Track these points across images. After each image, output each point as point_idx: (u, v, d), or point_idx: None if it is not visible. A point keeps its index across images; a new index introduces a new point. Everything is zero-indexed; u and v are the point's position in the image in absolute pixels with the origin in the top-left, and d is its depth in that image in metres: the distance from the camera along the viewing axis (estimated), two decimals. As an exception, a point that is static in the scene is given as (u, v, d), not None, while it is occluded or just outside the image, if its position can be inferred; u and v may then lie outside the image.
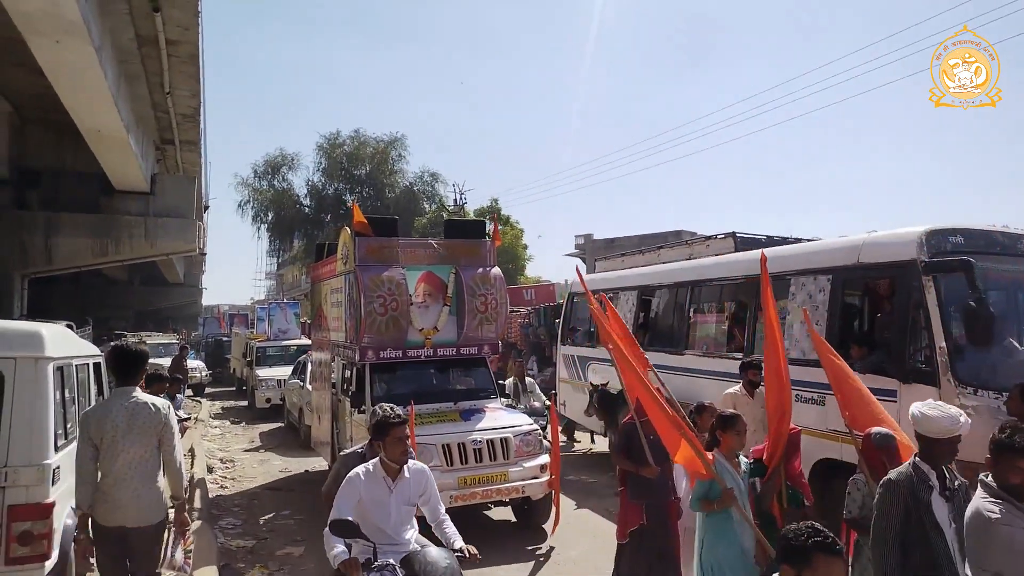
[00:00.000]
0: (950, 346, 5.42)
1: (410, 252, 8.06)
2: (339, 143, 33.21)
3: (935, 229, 5.80)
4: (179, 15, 12.17)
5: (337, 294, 8.72)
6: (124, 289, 41.01)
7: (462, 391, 8.16)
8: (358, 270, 7.57)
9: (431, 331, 7.95)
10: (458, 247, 8.21)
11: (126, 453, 4.16)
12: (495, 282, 8.13)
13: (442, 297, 8.05)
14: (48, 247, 18.28)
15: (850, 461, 6.10)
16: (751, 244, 8.62)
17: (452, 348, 8.06)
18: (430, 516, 4.04)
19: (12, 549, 4.05)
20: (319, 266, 10.18)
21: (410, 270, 7.84)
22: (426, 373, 8.22)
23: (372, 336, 7.54)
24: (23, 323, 4.86)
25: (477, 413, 7.52)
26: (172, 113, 17.07)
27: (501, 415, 7.63)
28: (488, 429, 7.19)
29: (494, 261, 8.36)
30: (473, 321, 7.92)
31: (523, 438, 7.26)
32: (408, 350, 7.81)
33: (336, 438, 8.84)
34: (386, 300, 7.50)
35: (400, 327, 7.63)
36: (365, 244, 7.79)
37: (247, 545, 7.34)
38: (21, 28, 9.77)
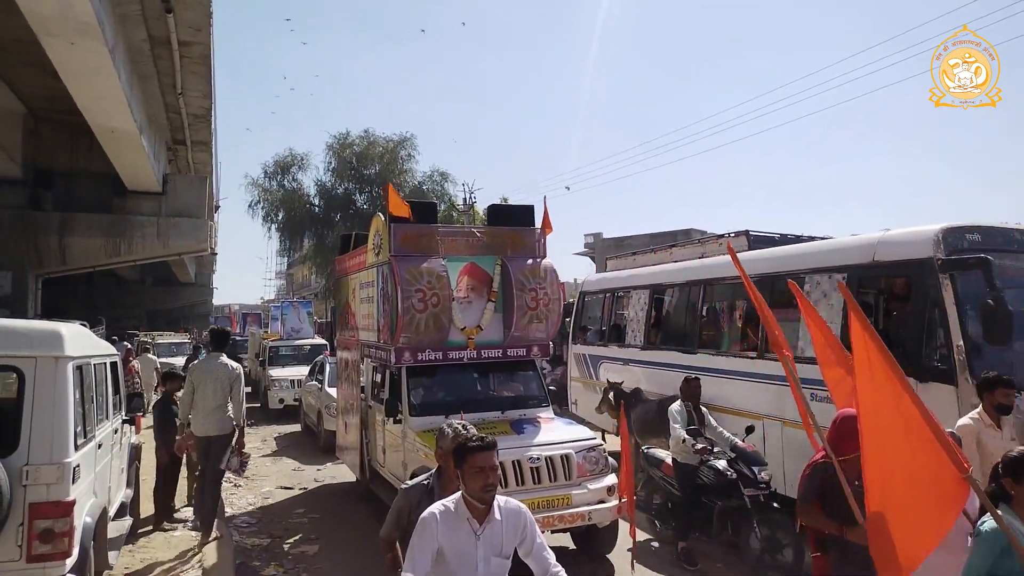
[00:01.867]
0: (968, 344, 5.40)
1: (451, 241, 7.22)
2: (349, 143, 33.24)
3: (952, 227, 5.77)
4: (191, 16, 12.24)
5: (367, 289, 7.95)
6: (136, 289, 41.29)
7: (510, 398, 7.31)
8: (393, 261, 6.78)
9: (475, 330, 7.12)
10: (504, 235, 7.36)
11: (211, 391, 7.04)
12: (547, 275, 7.26)
13: (487, 292, 7.23)
14: (62, 247, 18.43)
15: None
16: (764, 242, 8.59)
17: (498, 349, 7.21)
18: (539, 570, 3.10)
19: (33, 547, 4.07)
20: (346, 259, 9.33)
21: (451, 261, 7.03)
22: (469, 378, 7.41)
23: (409, 335, 6.75)
24: (43, 322, 4.90)
25: (530, 424, 6.66)
26: (184, 113, 17.18)
27: (558, 427, 6.72)
28: (546, 444, 6.25)
29: (544, 251, 7.50)
30: (522, 319, 7.10)
31: (586, 455, 6.29)
32: (448, 351, 7.01)
33: (365, 448, 8.27)
34: (425, 295, 6.70)
35: (441, 325, 6.84)
36: (401, 231, 6.96)
37: (262, 543, 7.37)
38: (36, 30, 9.85)
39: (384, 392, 7.53)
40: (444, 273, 6.83)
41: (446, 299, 6.81)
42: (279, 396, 16.37)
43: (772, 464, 7.11)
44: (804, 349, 6.84)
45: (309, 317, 20.90)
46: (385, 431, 7.45)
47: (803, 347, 6.86)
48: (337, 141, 33.21)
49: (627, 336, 10.27)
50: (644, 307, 10.02)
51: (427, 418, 6.66)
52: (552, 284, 7.26)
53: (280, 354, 18.31)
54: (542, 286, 7.19)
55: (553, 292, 7.26)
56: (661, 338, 9.58)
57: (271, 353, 18.31)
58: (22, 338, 4.38)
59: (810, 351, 6.74)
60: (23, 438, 4.13)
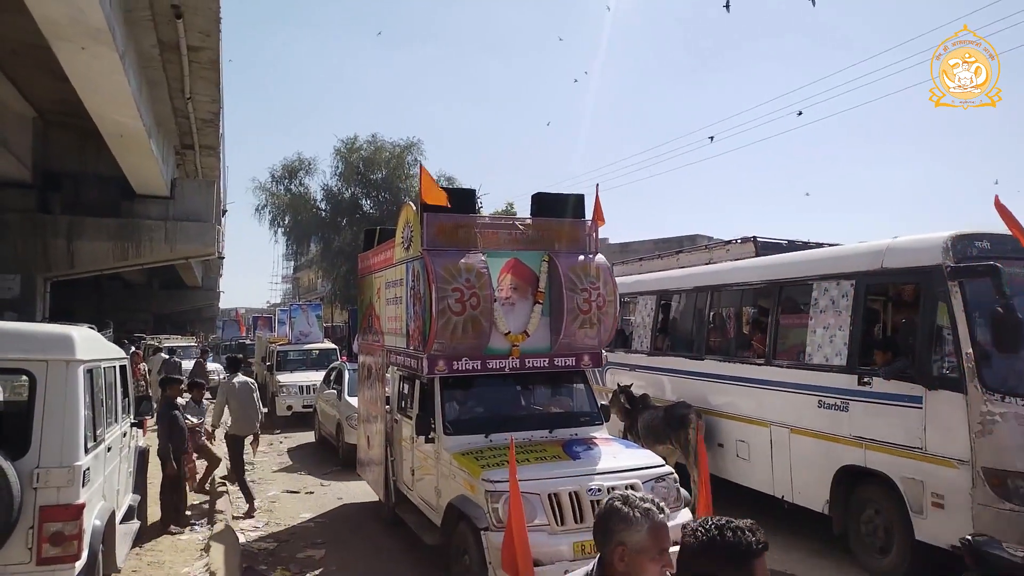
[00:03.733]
0: (977, 352, 5.37)
1: (490, 234, 6.40)
2: (356, 147, 33.33)
3: (961, 234, 5.75)
4: (200, 22, 12.30)
5: (394, 288, 7.16)
6: (143, 292, 41.41)
7: (558, 415, 6.59)
8: (427, 256, 5.98)
9: (519, 336, 6.28)
10: (552, 228, 6.55)
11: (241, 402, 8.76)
12: (600, 273, 6.42)
13: (532, 292, 6.40)
14: (70, 250, 18.51)
15: (873, 468, 6.08)
16: (772, 249, 8.58)
17: (544, 358, 6.39)
18: None
19: (43, 549, 4.10)
20: (370, 255, 8.53)
21: (491, 256, 6.19)
22: (512, 391, 6.69)
23: (444, 341, 5.92)
24: (54, 326, 4.94)
25: (585, 447, 5.84)
26: (192, 118, 17.25)
27: (619, 450, 5.91)
28: (609, 472, 5.37)
29: (596, 246, 6.68)
30: (573, 324, 6.25)
31: (656, 486, 5.36)
32: (487, 359, 6.19)
33: (390, 466, 7.50)
34: (463, 295, 5.86)
35: (481, 330, 5.98)
36: (436, 222, 6.16)
37: (269, 547, 7.38)
38: (47, 35, 9.92)
39: (413, 406, 6.80)
40: (485, 270, 6.00)
41: (487, 300, 5.98)
42: (287, 403, 15.76)
43: (779, 471, 7.10)
44: (812, 356, 6.83)
45: (319, 321, 20.24)
46: (415, 450, 6.76)
47: (810, 353, 6.86)
48: (344, 146, 33.33)
49: (633, 342, 10.26)
50: (651, 313, 10.01)
51: (464, 437, 6.02)
52: (607, 284, 6.43)
53: (288, 359, 17.75)
54: (595, 286, 6.34)
55: (608, 293, 6.42)
56: (668, 344, 9.57)
57: (279, 358, 17.72)
58: (34, 341, 4.42)
59: (818, 357, 6.74)
60: (34, 441, 4.17)
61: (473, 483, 5.34)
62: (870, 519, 6.19)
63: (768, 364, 7.44)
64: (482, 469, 5.32)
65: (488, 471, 5.28)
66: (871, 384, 6.13)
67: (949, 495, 5.40)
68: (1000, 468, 5.13)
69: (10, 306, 17.14)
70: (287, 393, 15.85)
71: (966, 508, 5.27)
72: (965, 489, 5.28)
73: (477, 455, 5.64)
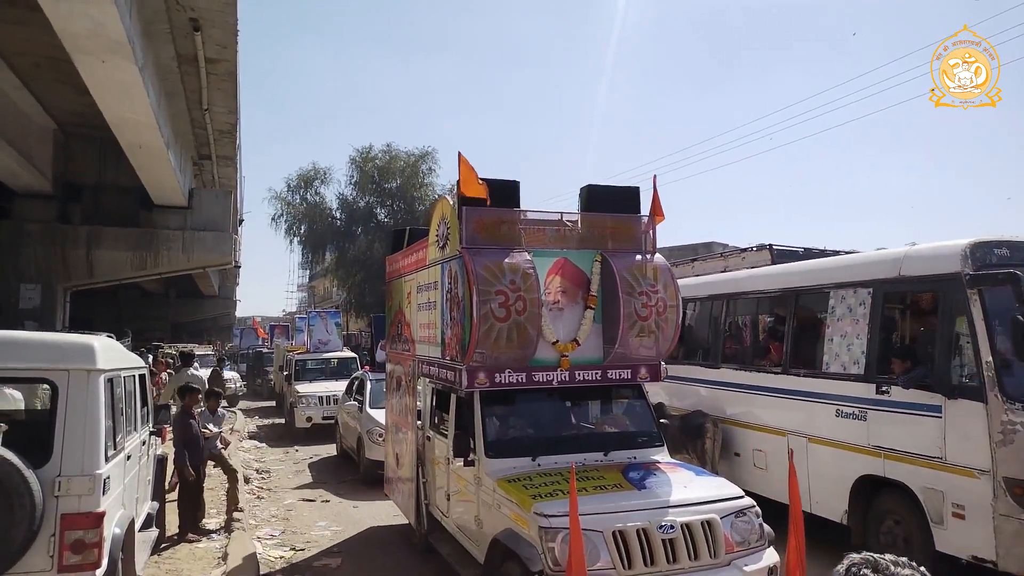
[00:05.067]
0: (997, 361, 5.32)
1: (536, 231, 5.81)
2: (371, 157, 33.55)
3: (980, 241, 5.71)
4: (218, 34, 12.43)
5: (428, 292, 6.57)
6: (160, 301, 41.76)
7: (613, 435, 6.00)
8: (466, 254, 5.37)
9: (569, 345, 5.66)
10: (604, 224, 5.95)
11: None
12: (661, 276, 5.81)
13: (583, 296, 5.80)
14: (90, 260, 18.72)
15: (892, 477, 6.02)
16: (788, 256, 8.55)
17: (597, 370, 5.75)
18: None
19: (65, 557, 4.15)
20: (399, 257, 7.93)
21: (537, 256, 5.59)
22: (560, 407, 6.09)
23: (486, 351, 5.31)
24: (75, 335, 4.99)
25: (649, 473, 5.21)
26: (209, 129, 17.42)
27: (687, 477, 5.22)
28: (681, 505, 4.71)
29: (654, 245, 6.04)
30: (630, 332, 5.64)
31: (736, 521, 4.75)
32: (533, 371, 5.54)
33: (422, 488, 6.94)
34: (508, 299, 5.23)
35: (527, 339, 5.37)
36: (476, 217, 5.55)
37: (285, 556, 7.41)
38: (68, 48, 10.07)
39: (449, 423, 6.25)
40: (532, 271, 5.39)
41: (534, 304, 5.34)
42: (307, 414, 15.22)
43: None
44: (829, 364, 6.79)
45: (337, 328, 19.70)
46: (450, 473, 6.15)
47: (827, 362, 6.81)
48: (359, 155, 33.57)
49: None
50: (666, 321, 9.96)
51: (508, 460, 5.43)
52: (668, 287, 5.83)
53: (307, 368, 17.29)
54: (655, 289, 5.73)
55: (669, 297, 5.81)
56: (683, 352, 9.53)
57: (297, 367, 17.29)
58: (55, 351, 4.48)
59: (835, 366, 6.70)
60: (55, 449, 4.22)
61: (523, 516, 4.70)
62: (889, 530, 6.13)
63: (785, 373, 7.40)
64: (533, 500, 4.69)
65: (541, 503, 4.63)
66: (889, 393, 6.08)
67: (970, 505, 5.34)
68: (1022, 478, 5.07)
69: (31, 315, 17.35)
70: (306, 404, 15.31)
71: (987, 518, 5.21)
72: (986, 499, 5.22)
73: (526, 482, 5.03)
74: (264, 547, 7.62)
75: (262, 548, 7.56)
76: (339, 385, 14.88)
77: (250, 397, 25.62)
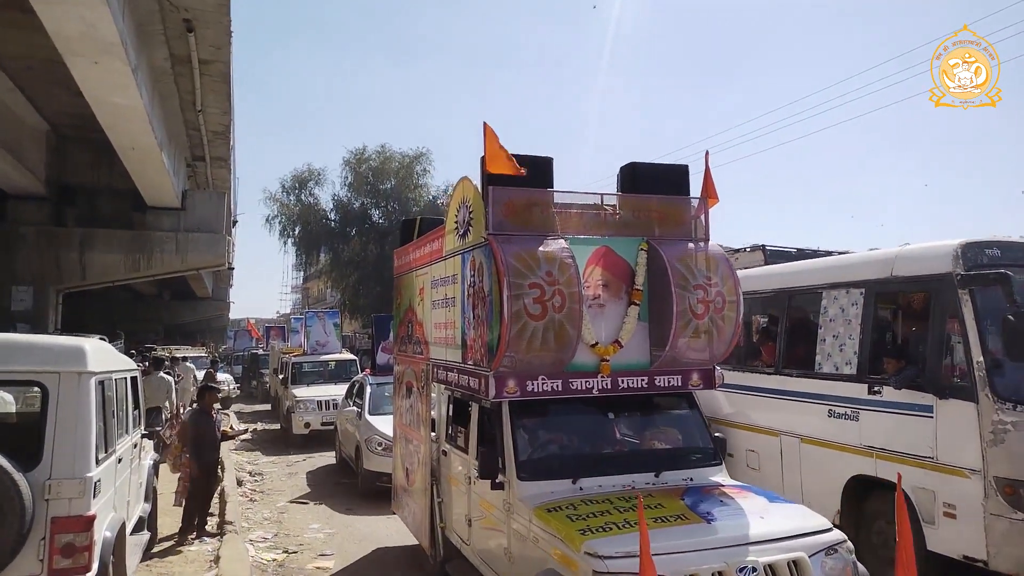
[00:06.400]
0: (988, 361, 5.33)
1: (573, 215, 5.06)
2: (365, 158, 33.54)
3: (971, 242, 5.73)
4: (212, 35, 12.41)
5: (444, 287, 5.86)
6: (154, 303, 41.68)
7: (664, 453, 5.24)
8: (494, 242, 4.63)
9: (611, 348, 4.92)
10: (650, 207, 5.19)
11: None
12: (719, 267, 5.08)
13: (626, 290, 5.07)
14: (83, 263, 18.67)
15: (884, 478, 6.04)
16: (781, 257, 8.57)
17: (643, 377, 5.01)
18: None
19: (55, 561, 4.13)
20: (409, 249, 7.24)
21: (574, 244, 4.84)
22: (601, 420, 5.27)
23: (517, 354, 4.56)
24: (66, 338, 4.99)
25: (714, 500, 4.44)
26: (203, 131, 17.39)
27: (760, 504, 4.44)
28: (761, 541, 3.95)
29: (708, 232, 5.27)
30: (684, 332, 4.89)
31: (825, 560, 4.03)
32: (569, 378, 4.80)
33: (437, 508, 6.25)
34: (544, 293, 4.50)
35: (566, 340, 4.62)
36: (505, 198, 4.78)
37: (278, 559, 7.39)
38: (61, 49, 10.04)
39: (469, 437, 5.54)
40: (571, 260, 4.66)
41: (574, 300, 4.60)
42: (304, 419, 14.64)
43: (789, 481, 7.05)
44: (821, 364, 6.80)
45: (336, 329, 18.94)
46: (472, 494, 5.40)
47: (820, 362, 6.83)
48: (354, 156, 33.56)
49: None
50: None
51: (545, 484, 4.68)
52: (726, 280, 5.08)
53: (304, 371, 16.73)
54: (712, 283, 4.99)
55: (728, 292, 5.06)
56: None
57: (294, 370, 16.64)
58: (46, 353, 4.47)
59: (827, 366, 6.72)
60: (46, 452, 4.21)
61: (570, 555, 3.90)
62: (881, 530, 6.14)
63: (778, 373, 7.42)
64: (583, 536, 3.90)
65: (593, 539, 3.86)
66: (881, 393, 6.09)
67: (961, 505, 5.35)
68: (1012, 477, 5.09)
69: (23, 318, 17.30)
70: (304, 409, 14.73)
71: (978, 518, 5.22)
72: (977, 499, 5.24)
73: (569, 512, 4.26)
74: (257, 550, 7.60)
75: (255, 551, 7.54)
76: (338, 389, 14.47)
77: (245, 400, 25.53)
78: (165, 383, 11.52)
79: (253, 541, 7.92)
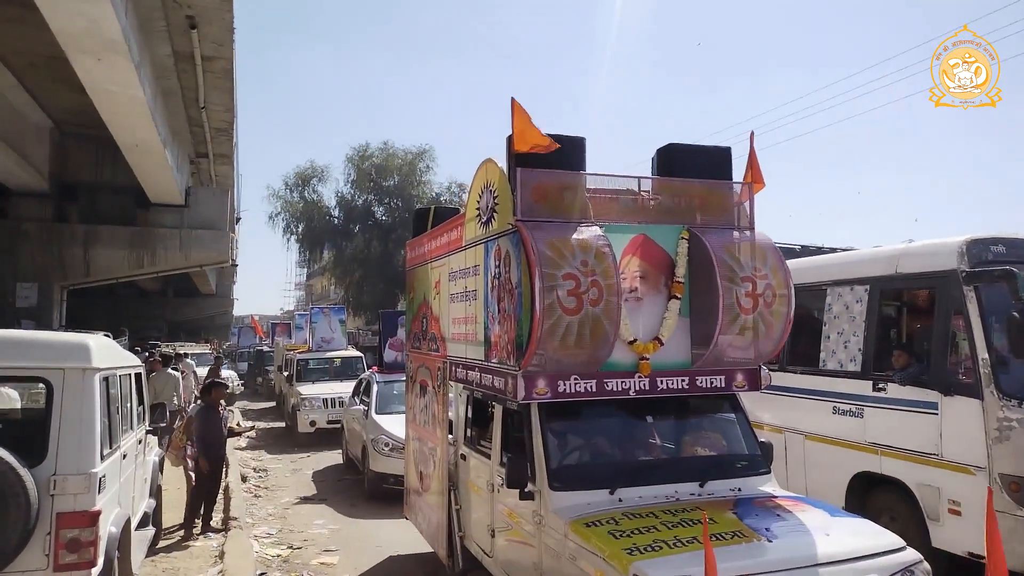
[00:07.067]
0: (993, 357, 5.32)
1: (607, 200, 4.69)
2: (368, 155, 33.55)
3: (976, 238, 5.71)
4: (215, 31, 12.43)
5: (464, 279, 5.43)
6: (157, 300, 41.80)
7: (708, 460, 4.89)
8: (523, 228, 4.25)
9: (650, 345, 4.53)
10: (691, 192, 4.82)
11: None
12: (769, 258, 4.70)
13: (666, 282, 4.68)
14: (86, 259, 18.74)
15: (888, 474, 6.03)
16: (785, 254, 8.49)
17: (684, 377, 4.62)
18: None
19: (60, 556, 4.14)
20: (423, 240, 6.79)
21: (609, 232, 4.44)
22: (640, 425, 4.92)
23: (549, 352, 4.19)
24: (70, 334, 4.99)
25: (770, 514, 4.03)
26: (206, 127, 17.43)
27: (821, 518, 4.02)
28: (831, 563, 3.56)
29: (754, 220, 4.91)
30: (730, 328, 4.52)
31: None
32: (603, 378, 4.43)
33: (455, 517, 5.76)
34: (579, 285, 4.13)
35: (602, 336, 4.22)
36: (534, 181, 4.40)
37: (282, 554, 7.41)
38: (64, 46, 10.06)
39: (492, 440, 5.16)
40: (608, 249, 4.28)
41: (612, 292, 4.21)
42: (310, 418, 14.31)
43: (793, 478, 7.05)
44: (826, 361, 6.79)
45: (341, 325, 18.52)
46: (496, 503, 5.00)
47: (824, 359, 6.82)
48: (357, 153, 33.56)
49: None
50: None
51: (580, 494, 4.28)
52: (776, 273, 4.70)
53: (309, 368, 16.44)
54: (761, 274, 4.61)
55: (779, 285, 4.66)
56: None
57: (299, 367, 16.39)
58: (50, 349, 4.48)
59: (832, 363, 6.71)
60: (51, 448, 4.21)
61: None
62: (885, 526, 6.13)
63: (782, 370, 7.40)
64: (631, 556, 3.52)
65: (642, 560, 3.48)
66: (886, 390, 6.09)
67: (966, 502, 5.35)
68: (1018, 474, 5.08)
69: (27, 314, 17.37)
70: (310, 407, 14.44)
71: (983, 515, 5.21)
72: (982, 496, 5.22)
73: (611, 527, 3.85)
74: (261, 546, 7.62)
75: (259, 546, 7.55)
76: (344, 386, 14.25)
77: (249, 398, 25.53)
78: (173, 379, 11.73)
79: (258, 537, 7.94)
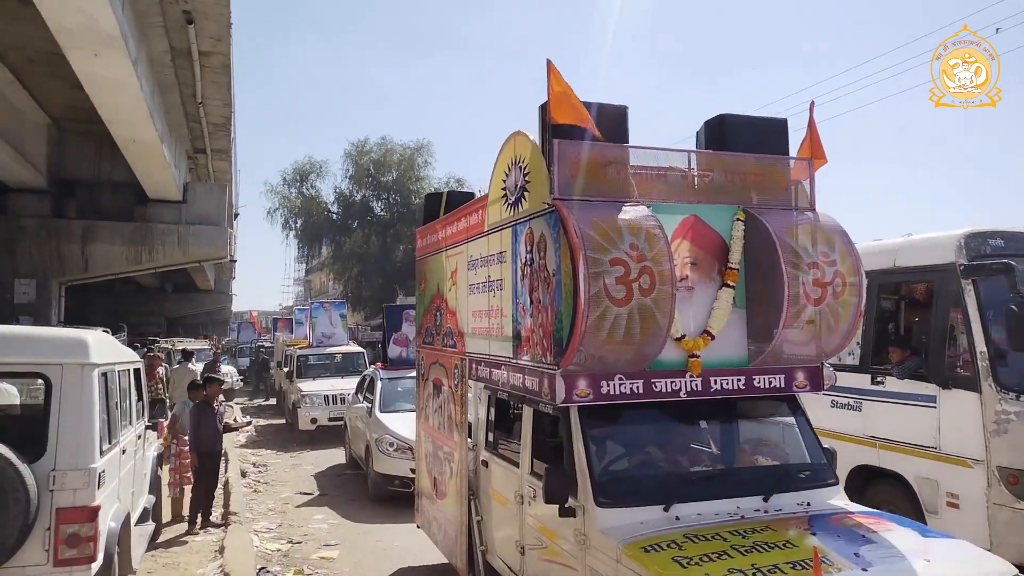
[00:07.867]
0: (991, 351, 5.33)
1: (649, 177, 4.08)
2: (367, 150, 33.50)
3: (974, 232, 5.71)
4: (212, 27, 12.39)
5: (485, 267, 4.88)
6: (156, 296, 41.70)
7: (771, 471, 4.39)
8: (562, 208, 3.66)
9: (700, 340, 3.97)
10: (746, 169, 4.25)
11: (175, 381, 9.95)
12: (837, 242, 4.13)
13: (719, 269, 4.12)
14: (85, 255, 18.71)
15: (887, 467, 6.04)
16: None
17: (739, 376, 4.03)
18: None
19: (60, 551, 4.15)
20: (437, 227, 6.24)
21: (657, 212, 3.83)
22: (692, 431, 4.47)
23: (591, 349, 3.59)
24: (69, 330, 5.00)
25: (853, 534, 3.50)
26: (204, 123, 17.38)
27: (917, 542, 3.48)
28: None
29: (815, 200, 4.35)
30: (795, 321, 3.94)
31: None
32: (651, 378, 3.84)
33: (475, 528, 5.33)
34: (629, 271, 3.55)
35: (654, 330, 3.64)
36: (573, 155, 3.83)
37: (282, 549, 7.42)
38: (61, 42, 10.02)
39: (521, 446, 4.65)
40: (659, 231, 3.70)
41: (665, 280, 3.62)
42: (311, 415, 14.00)
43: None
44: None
45: (342, 320, 18.30)
46: (525, 516, 4.50)
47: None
48: (355, 148, 33.51)
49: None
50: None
51: (631, 512, 3.75)
52: (846, 259, 4.12)
53: (309, 364, 16.22)
54: (829, 259, 4.05)
55: (848, 272, 4.10)
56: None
57: (300, 363, 16.14)
58: (49, 345, 4.49)
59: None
60: (50, 444, 4.22)
61: None
62: (884, 520, 6.15)
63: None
64: None
65: None
66: (884, 383, 6.10)
67: (964, 495, 5.36)
68: (1016, 467, 5.09)
69: (26, 310, 17.34)
70: (311, 404, 14.12)
71: (982, 508, 5.23)
72: (980, 489, 5.24)
73: (675, 553, 3.30)
74: (261, 540, 7.63)
75: (259, 541, 7.57)
76: (345, 383, 14.08)
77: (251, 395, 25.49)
78: (192, 373, 12.34)
79: (257, 531, 7.95)
